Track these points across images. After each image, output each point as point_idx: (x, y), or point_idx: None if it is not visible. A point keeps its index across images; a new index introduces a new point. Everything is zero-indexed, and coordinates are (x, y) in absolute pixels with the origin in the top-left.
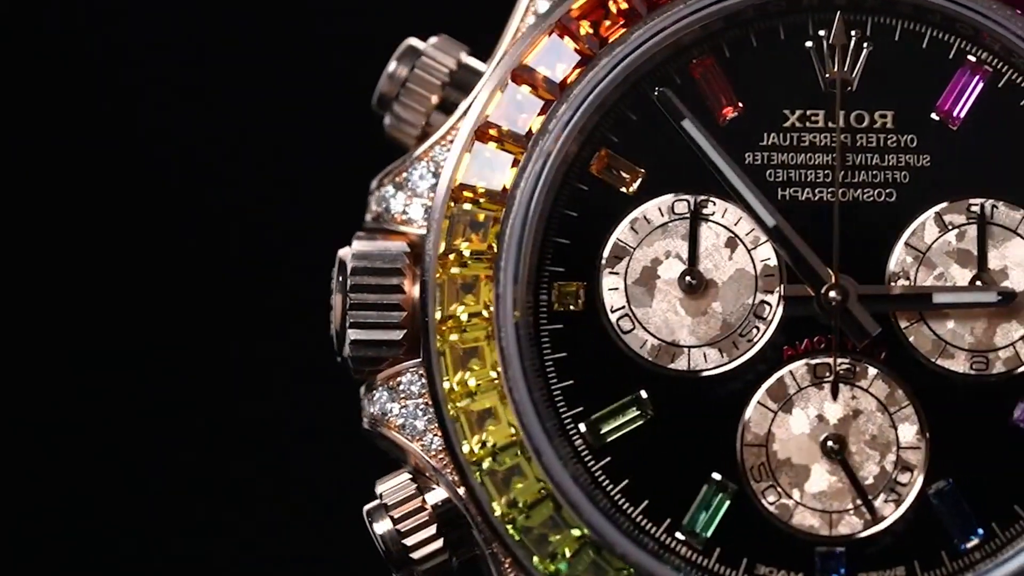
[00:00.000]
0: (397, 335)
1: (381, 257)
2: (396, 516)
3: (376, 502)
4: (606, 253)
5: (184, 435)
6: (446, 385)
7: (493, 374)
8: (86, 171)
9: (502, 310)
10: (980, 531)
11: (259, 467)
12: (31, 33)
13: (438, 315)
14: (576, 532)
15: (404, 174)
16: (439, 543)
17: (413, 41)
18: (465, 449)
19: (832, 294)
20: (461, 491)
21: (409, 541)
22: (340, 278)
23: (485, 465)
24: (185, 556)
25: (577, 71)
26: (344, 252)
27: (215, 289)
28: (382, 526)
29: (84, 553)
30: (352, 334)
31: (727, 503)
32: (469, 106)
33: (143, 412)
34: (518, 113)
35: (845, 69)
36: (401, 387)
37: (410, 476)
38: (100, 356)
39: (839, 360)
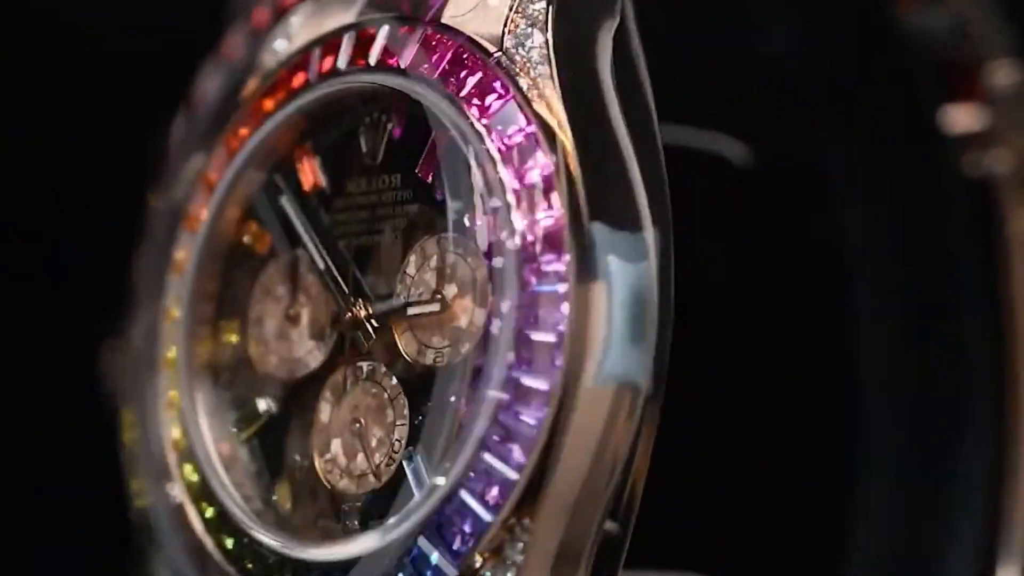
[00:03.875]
0: None
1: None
2: None
3: None
4: (251, 298)
5: None
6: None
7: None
8: None
9: (178, 345)
10: (426, 484)
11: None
12: None
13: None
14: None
15: None
16: None
17: None
18: (173, 451)
19: (347, 315)
20: None
21: None
22: None
23: (185, 479)
24: None
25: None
26: None
27: None
28: None
29: None
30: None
31: (303, 475)
32: None
33: None
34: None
35: (375, 147)
36: None
37: None
38: None
39: (367, 363)
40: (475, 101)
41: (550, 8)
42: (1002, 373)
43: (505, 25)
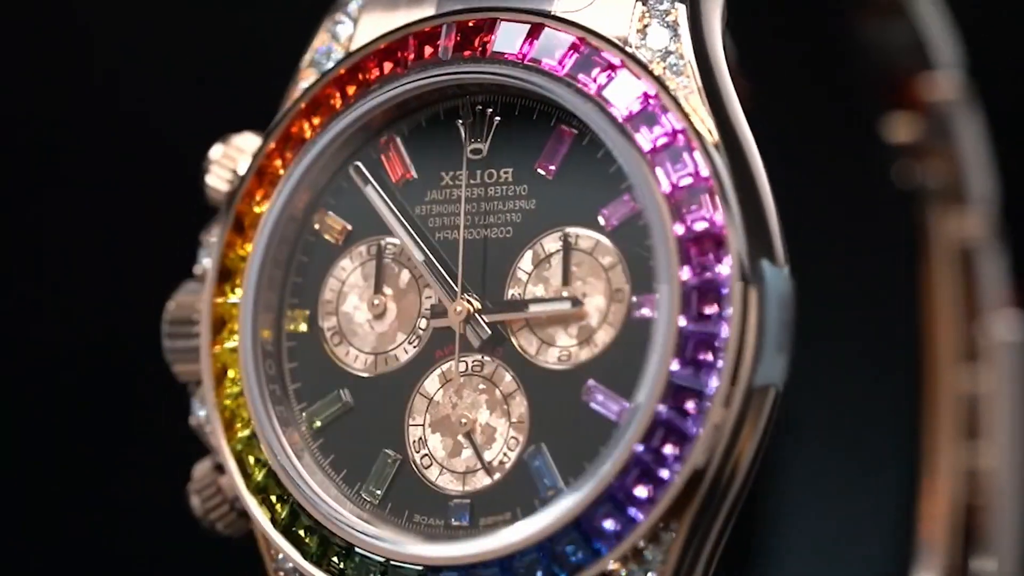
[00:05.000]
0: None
1: (185, 307)
2: (199, 496)
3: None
4: (324, 287)
5: None
6: (213, 397)
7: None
8: None
9: (243, 332)
10: (558, 482)
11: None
12: None
13: (209, 336)
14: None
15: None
16: (232, 517)
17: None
18: (227, 444)
19: (457, 309)
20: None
21: (211, 515)
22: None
23: (239, 448)
24: None
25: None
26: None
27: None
28: (193, 502)
29: None
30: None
31: (395, 469)
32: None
33: None
34: (260, 185)
35: (480, 139)
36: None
37: (212, 462)
38: None
39: (472, 358)
40: (613, 99)
41: (685, 9)
42: (919, 388)
43: (631, 23)
